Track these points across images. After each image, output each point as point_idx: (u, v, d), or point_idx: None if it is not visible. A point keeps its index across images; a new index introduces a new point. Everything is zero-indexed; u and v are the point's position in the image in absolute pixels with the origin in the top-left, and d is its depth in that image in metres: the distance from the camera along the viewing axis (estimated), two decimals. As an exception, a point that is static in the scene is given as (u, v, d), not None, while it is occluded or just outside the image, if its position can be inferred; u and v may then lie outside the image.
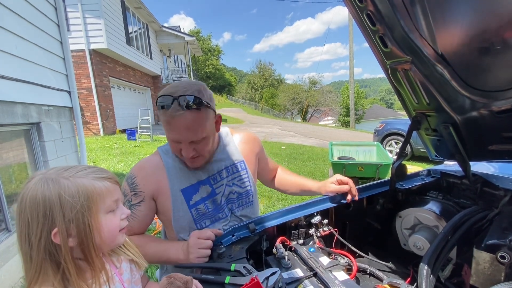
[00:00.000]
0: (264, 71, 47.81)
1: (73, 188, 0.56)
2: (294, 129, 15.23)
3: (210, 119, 0.89)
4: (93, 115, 9.65)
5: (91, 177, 0.59)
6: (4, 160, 2.34)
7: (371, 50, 0.98)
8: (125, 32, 11.13)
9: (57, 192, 0.55)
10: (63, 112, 3.32)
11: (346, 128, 19.91)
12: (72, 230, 0.55)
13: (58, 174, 0.57)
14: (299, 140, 11.17)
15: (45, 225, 0.54)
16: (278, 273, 0.68)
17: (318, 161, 6.77)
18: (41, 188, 0.54)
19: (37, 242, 0.54)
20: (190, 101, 0.81)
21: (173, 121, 0.83)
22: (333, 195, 1.04)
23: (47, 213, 0.54)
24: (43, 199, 0.54)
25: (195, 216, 0.95)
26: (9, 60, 2.30)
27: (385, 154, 4.06)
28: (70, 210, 0.55)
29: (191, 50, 18.82)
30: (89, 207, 0.57)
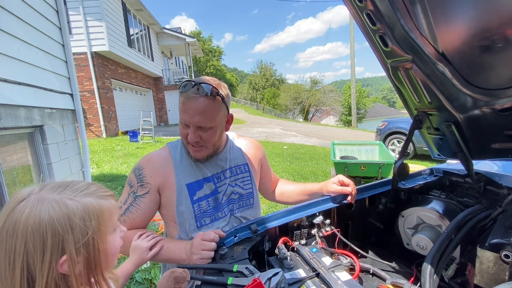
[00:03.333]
0: (265, 71, 47.83)
1: (82, 210, 0.50)
2: (296, 129, 15.21)
3: (221, 113, 0.93)
4: (96, 117, 9.71)
5: (96, 196, 0.54)
6: (8, 163, 2.36)
7: (372, 49, 0.98)
8: (126, 34, 11.19)
9: (66, 215, 0.48)
10: (66, 114, 3.35)
11: (348, 127, 19.86)
12: (81, 256, 0.49)
13: (60, 194, 0.51)
14: (301, 140, 11.15)
15: (53, 254, 0.47)
16: (281, 273, 0.68)
17: (320, 161, 6.76)
18: (45, 211, 0.47)
19: (45, 274, 0.46)
20: (208, 89, 0.86)
21: (188, 102, 0.88)
22: (335, 195, 1.03)
23: (56, 240, 0.47)
24: (51, 224, 0.47)
25: (196, 213, 0.96)
26: (12, 64, 2.32)
27: (387, 153, 4.05)
28: (81, 235, 0.49)
29: (192, 51, 18.88)
30: (99, 230, 0.52)
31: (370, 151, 4.60)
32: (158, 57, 15.71)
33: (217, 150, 1.02)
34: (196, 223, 0.96)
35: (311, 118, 34.67)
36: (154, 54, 14.95)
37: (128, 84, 12.31)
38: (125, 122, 11.49)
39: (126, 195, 0.97)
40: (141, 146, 8.29)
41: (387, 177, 1.95)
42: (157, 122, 15.36)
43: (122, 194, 0.98)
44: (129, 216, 0.94)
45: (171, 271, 0.65)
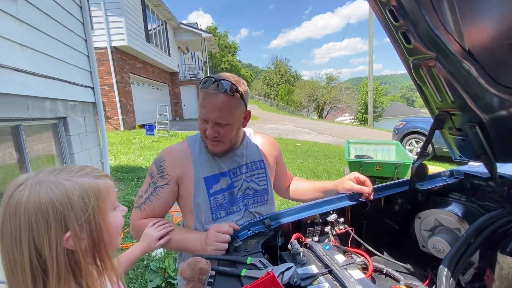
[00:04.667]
0: (280, 67, 47.41)
1: (80, 189, 0.53)
2: (310, 126, 15.05)
3: (240, 109, 0.95)
4: (114, 110, 10.02)
5: (92, 176, 0.57)
6: (34, 152, 2.49)
7: (393, 46, 0.95)
8: (144, 30, 11.41)
9: (65, 194, 0.51)
10: (87, 107, 3.48)
11: (364, 126, 19.42)
12: (84, 232, 0.52)
13: (56, 176, 0.53)
14: (314, 137, 11.03)
15: (58, 231, 0.50)
16: (294, 268, 0.69)
17: (334, 159, 6.67)
18: (44, 192, 0.50)
19: (53, 250, 0.49)
20: (227, 86, 0.88)
21: (207, 98, 0.91)
22: (350, 193, 1.03)
23: (58, 218, 0.50)
24: (51, 203, 0.49)
25: (212, 205, 0.99)
26: (39, 58, 2.43)
27: (404, 153, 3.94)
28: (82, 211, 0.52)
29: (208, 46, 19.00)
30: (99, 207, 0.54)
31: (386, 151, 4.49)
32: (174, 52, 15.94)
33: (234, 145, 1.04)
34: (211, 216, 0.99)
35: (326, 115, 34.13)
36: (171, 49, 15.17)
37: (145, 79, 12.59)
38: (142, 116, 11.78)
39: (146, 185, 1.00)
40: (156, 140, 8.49)
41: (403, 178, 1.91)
42: (172, 116, 15.65)
43: (143, 184, 1.03)
44: (148, 205, 0.98)
45: (196, 261, 0.68)
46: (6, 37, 2.00)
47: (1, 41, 1.97)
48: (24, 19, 2.24)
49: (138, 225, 0.98)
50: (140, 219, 0.99)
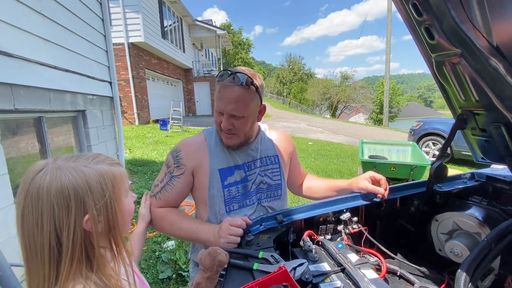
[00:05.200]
0: (294, 65, 46.94)
1: (97, 175, 0.55)
2: (322, 125, 14.87)
3: (255, 102, 0.95)
4: (130, 105, 10.26)
5: (106, 163, 0.59)
6: (55, 143, 2.59)
7: (415, 42, 0.92)
8: (160, 26, 11.58)
9: (84, 180, 0.53)
10: (105, 101, 3.58)
11: (379, 126, 18.98)
12: (101, 216, 0.55)
13: (74, 162, 0.56)
14: (327, 136, 10.90)
15: (77, 214, 0.52)
16: (306, 264, 0.68)
17: (347, 159, 6.57)
18: (66, 177, 0.52)
19: (72, 231, 0.52)
20: (243, 79, 0.90)
21: (223, 90, 0.92)
22: (364, 193, 1.01)
23: (78, 201, 0.52)
24: (73, 187, 0.52)
25: (226, 197, 1.00)
26: (61, 52, 2.52)
27: (421, 155, 3.82)
28: (100, 196, 0.55)
29: (222, 43, 19.07)
30: (114, 192, 0.57)
31: (402, 152, 4.38)
32: (189, 48, 16.10)
33: (249, 139, 1.04)
34: (225, 208, 1.00)
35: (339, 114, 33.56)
36: (186, 46, 15.33)
37: (160, 75, 12.79)
38: (156, 111, 12.00)
39: (163, 175, 1.03)
40: (170, 135, 8.63)
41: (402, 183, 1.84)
42: (185, 112, 15.85)
43: (159, 174, 1.05)
44: (164, 194, 1.01)
45: (217, 252, 0.69)
46: (31, 31, 2.08)
47: (27, 36, 2.05)
48: (48, 14, 2.32)
49: (154, 213, 1.01)
50: (155, 207, 1.01)
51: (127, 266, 0.61)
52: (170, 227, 0.97)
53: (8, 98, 1.86)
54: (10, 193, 1.81)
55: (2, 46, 1.77)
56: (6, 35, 1.83)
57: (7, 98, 1.85)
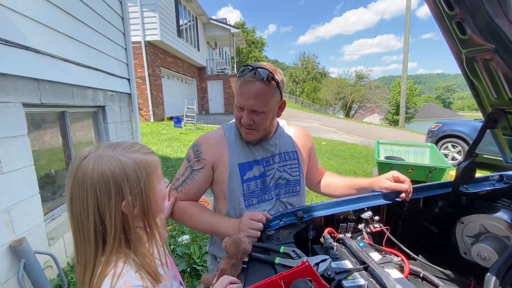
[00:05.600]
0: (308, 63, 46.46)
1: (133, 164, 0.60)
2: (336, 125, 14.65)
3: (275, 98, 0.95)
4: (145, 102, 10.48)
5: (141, 152, 0.64)
6: (76, 138, 2.69)
7: (444, 37, 0.89)
8: (176, 25, 11.74)
9: (122, 168, 0.58)
10: (123, 97, 3.67)
11: (394, 127, 18.50)
12: (137, 201, 0.60)
13: (113, 151, 0.60)
14: (340, 136, 10.73)
15: (117, 199, 0.58)
16: (329, 260, 0.68)
17: (361, 160, 6.45)
18: (105, 165, 0.57)
19: (113, 214, 0.57)
20: (264, 74, 0.90)
21: (244, 85, 0.93)
22: (387, 192, 0.99)
23: (117, 187, 0.57)
24: (112, 174, 0.57)
25: (245, 192, 1.01)
26: (84, 49, 2.60)
27: (440, 157, 3.70)
28: (135, 184, 0.59)
29: (236, 42, 19.13)
30: (148, 180, 0.62)
31: (420, 153, 4.25)
32: (203, 47, 16.25)
33: (268, 134, 1.04)
34: (244, 202, 1.01)
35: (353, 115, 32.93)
36: (200, 44, 15.48)
37: (175, 73, 12.99)
38: (171, 109, 12.20)
39: (184, 169, 1.05)
40: (184, 132, 8.76)
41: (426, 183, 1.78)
42: (198, 110, 16.04)
43: (180, 168, 1.07)
44: (185, 188, 1.02)
45: (241, 241, 0.70)
46: (57, 29, 2.17)
47: (53, 33, 2.13)
48: (73, 12, 2.40)
49: (175, 206, 1.03)
50: (176, 200, 1.03)
51: (160, 247, 0.67)
52: (191, 219, 0.99)
53: (35, 92, 1.95)
54: (35, 184, 1.90)
55: (31, 42, 1.85)
56: (35, 32, 1.91)
57: (34, 93, 1.93)
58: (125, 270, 0.58)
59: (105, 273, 0.57)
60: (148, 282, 0.59)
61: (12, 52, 1.70)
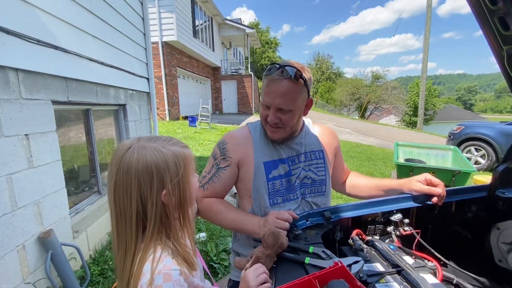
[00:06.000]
0: (322, 64, 45.87)
1: (172, 155, 0.63)
2: (351, 126, 14.38)
3: (302, 96, 0.94)
4: (161, 101, 10.69)
5: (179, 146, 0.66)
6: (99, 134, 2.77)
7: (484, 34, 0.85)
8: (192, 25, 11.90)
9: (164, 159, 0.61)
10: (142, 96, 3.76)
11: (412, 129, 17.94)
12: (175, 190, 0.63)
13: (155, 143, 0.63)
14: (356, 138, 10.53)
15: (158, 188, 0.61)
16: (362, 262, 0.66)
17: (378, 162, 6.29)
18: (149, 155, 0.60)
19: (154, 202, 0.60)
20: (291, 72, 0.89)
21: (271, 84, 0.92)
22: (417, 194, 0.95)
23: (159, 177, 0.60)
24: (155, 164, 0.60)
25: (270, 190, 1.00)
26: (107, 49, 2.68)
27: (463, 160, 3.54)
28: (175, 174, 0.62)
29: (250, 42, 19.18)
30: (186, 171, 0.64)
31: (441, 157, 4.09)
32: (218, 47, 16.39)
33: (294, 133, 1.04)
34: (269, 200, 1.00)
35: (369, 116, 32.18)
36: (215, 45, 15.63)
37: (191, 73, 13.17)
38: (186, 108, 12.39)
39: (210, 166, 1.05)
40: (198, 131, 8.87)
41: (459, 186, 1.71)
42: (212, 110, 16.19)
43: (206, 165, 1.08)
44: (211, 185, 1.03)
45: (280, 235, 0.71)
46: (83, 29, 2.24)
47: (79, 33, 2.21)
48: (98, 13, 2.48)
49: (201, 203, 1.04)
50: (203, 197, 1.04)
51: (191, 238, 0.70)
52: (216, 216, 1.00)
53: (63, 90, 2.02)
54: (62, 178, 1.97)
55: (60, 42, 1.93)
56: (63, 32, 1.99)
57: (62, 91, 2.01)
58: (163, 256, 0.60)
59: (145, 259, 0.59)
60: (184, 268, 0.61)
61: (43, 51, 1.77)
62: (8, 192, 1.48)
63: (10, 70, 1.52)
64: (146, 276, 0.57)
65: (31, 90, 1.68)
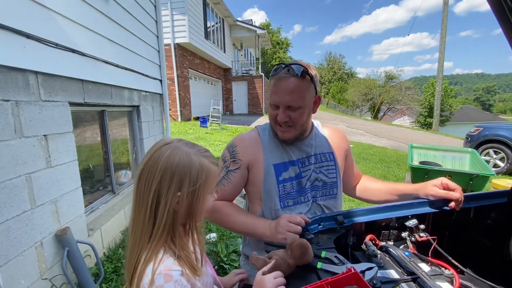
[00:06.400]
0: (334, 64, 45.35)
1: (198, 165, 0.65)
2: (363, 127, 14.14)
3: (310, 92, 0.95)
4: (174, 102, 10.85)
5: (210, 160, 0.68)
6: (113, 135, 2.84)
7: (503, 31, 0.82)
8: (204, 27, 12.03)
9: (189, 165, 0.64)
10: (155, 98, 3.83)
11: (427, 130, 17.44)
12: (188, 197, 0.64)
13: (189, 148, 0.66)
14: (369, 139, 10.33)
15: (174, 189, 0.63)
16: (376, 269, 0.64)
17: (392, 164, 6.15)
18: (179, 156, 0.63)
19: (168, 201, 0.62)
20: (297, 69, 0.90)
21: (278, 83, 0.93)
22: (434, 199, 0.92)
23: (179, 179, 0.63)
24: (179, 166, 0.63)
25: (281, 193, 1.00)
26: (122, 52, 2.75)
27: (482, 163, 3.41)
28: (194, 182, 0.64)
29: (261, 43, 19.20)
30: (204, 185, 0.66)
31: (458, 159, 3.95)
32: (229, 48, 16.50)
33: (304, 132, 1.03)
34: (280, 203, 0.99)
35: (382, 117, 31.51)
36: (226, 46, 15.73)
37: (202, 74, 13.31)
38: (197, 109, 12.53)
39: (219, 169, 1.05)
40: (209, 132, 8.95)
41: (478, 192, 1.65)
42: (223, 110, 16.31)
43: None
44: (220, 188, 1.04)
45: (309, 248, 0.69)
46: (99, 32, 2.31)
47: (95, 36, 2.27)
48: (113, 17, 2.55)
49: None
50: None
51: (196, 246, 0.71)
52: (226, 219, 1.00)
53: (79, 92, 2.09)
54: (78, 177, 2.03)
55: (77, 45, 1.99)
56: (80, 36, 2.05)
57: (79, 92, 2.08)
58: (165, 257, 0.62)
59: (150, 259, 0.61)
60: (186, 269, 0.62)
61: (61, 54, 1.84)
62: (28, 191, 1.54)
63: (30, 73, 1.59)
64: (147, 277, 0.59)
65: (50, 92, 1.74)
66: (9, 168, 1.41)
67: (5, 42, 1.39)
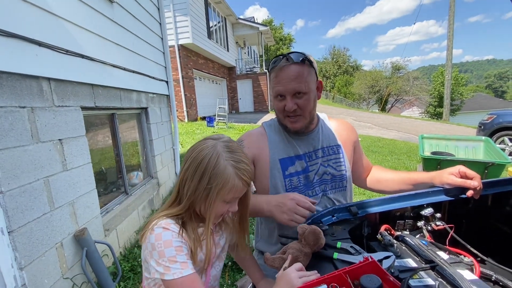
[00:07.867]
0: (338, 57, 44.77)
1: (222, 172, 0.68)
2: (371, 120, 13.94)
3: (312, 77, 0.97)
4: (180, 103, 10.94)
5: (237, 172, 0.70)
6: (124, 137, 2.89)
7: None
8: (206, 27, 12.06)
9: (213, 166, 0.68)
10: (163, 99, 3.87)
11: (437, 120, 17.07)
12: (204, 193, 0.70)
13: (225, 153, 0.71)
14: (377, 132, 10.20)
15: (197, 178, 0.70)
16: (393, 258, 0.64)
17: (402, 156, 6.06)
18: (209, 153, 0.69)
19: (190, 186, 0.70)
20: (296, 56, 0.93)
21: (280, 73, 0.94)
22: (450, 188, 0.91)
23: (201, 172, 0.69)
24: (206, 162, 0.69)
25: (287, 187, 1.00)
26: (128, 55, 2.79)
27: (497, 152, 3.32)
28: (207, 183, 0.69)
29: (264, 40, 19.11)
30: (218, 191, 0.69)
31: (471, 148, 3.86)
32: (232, 47, 16.49)
33: (312, 121, 1.03)
34: None
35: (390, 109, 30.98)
36: (230, 45, 15.73)
37: (207, 74, 13.37)
38: (203, 109, 12.60)
39: None
40: (216, 131, 8.99)
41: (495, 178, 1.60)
42: (229, 109, 16.34)
43: None
44: None
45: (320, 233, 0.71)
46: (106, 37, 2.35)
47: (103, 41, 2.31)
48: (118, 21, 2.59)
49: None
50: None
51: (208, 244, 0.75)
52: None
53: (90, 96, 2.13)
54: (93, 179, 2.08)
55: (86, 51, 2.03)
56: (89, 42, 2.10)
57: (89, 97, 2.12)
58: (170, 221, 0.71)
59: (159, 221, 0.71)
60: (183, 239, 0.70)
61: (72, 60, 1.88)
62: (46, 194, 1.59)
63: (43, 80, 1.63)
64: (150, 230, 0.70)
65: (62, 97, 1.79)
66: (28, 172, 1.46)
67: (19, 51, 1.43)
